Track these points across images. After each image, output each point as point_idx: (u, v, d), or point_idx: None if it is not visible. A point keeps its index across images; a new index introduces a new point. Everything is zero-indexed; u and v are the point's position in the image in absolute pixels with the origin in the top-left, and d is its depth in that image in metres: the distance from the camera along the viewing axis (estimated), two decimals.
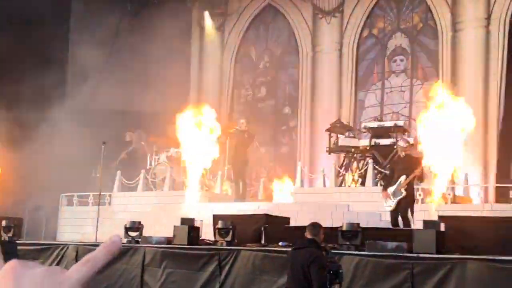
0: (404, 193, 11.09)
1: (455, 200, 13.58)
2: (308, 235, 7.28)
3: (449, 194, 13.66)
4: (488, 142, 17.13)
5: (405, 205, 11.14)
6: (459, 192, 14.71)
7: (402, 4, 19.44)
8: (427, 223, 8.76)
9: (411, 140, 13.99)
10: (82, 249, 10.97)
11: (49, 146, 17.21)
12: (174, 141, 18.05)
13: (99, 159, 14.18)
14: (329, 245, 8.10)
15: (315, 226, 7.39)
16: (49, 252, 11.44)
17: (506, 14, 17.49)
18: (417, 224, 10.65)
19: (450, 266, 7.51)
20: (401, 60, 19.34)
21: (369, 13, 19.78)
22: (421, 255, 7.94)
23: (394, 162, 11.49)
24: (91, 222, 14.84)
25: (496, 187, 15.29)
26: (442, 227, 8.45)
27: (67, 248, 11.23)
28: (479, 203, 14.12)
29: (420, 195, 13.59)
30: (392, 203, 11.17)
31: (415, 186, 11.94)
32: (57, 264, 11.12)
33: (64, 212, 18.04)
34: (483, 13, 17.83)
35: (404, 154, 11.45)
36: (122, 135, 19.12)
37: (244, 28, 21.90)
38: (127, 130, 19.13)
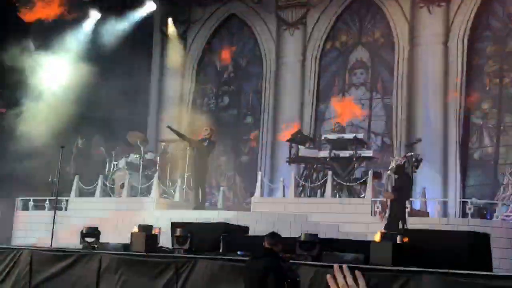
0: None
1: (412, 213, 13.74)
2: (266, 244, 7.29)
3: (406, 208, 13.80)
4: (448, 158, 17.35)
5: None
6: (416, 206, 14.89)
7: (364, 19, 19.64)
8: (384, 236, 8.83)
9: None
10: (37, 254, 10.77)
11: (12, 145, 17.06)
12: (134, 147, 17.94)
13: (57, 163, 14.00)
14: (287, 255, 8.11)
15: (273, 236, 7.40)
16: (2, 257, 11.20)
17: (465, 31, 17.77)
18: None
19: (406, 278, 7.58)
20: (361, 74, 19.52)
21: (332, 26, 19.92)
22: (377, 267, 7.99)
23: None
24: (46, 227, 14.61)
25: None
26: (399, 240, 8.53)
27: (21, 253, 11.01)
28: (435, 216, 14.30)
29: (378, 207, 13.74)
30: None
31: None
32: (11, 268, 10.91)
33: (19, 216, 17.73)
34: (442, 29, 18.09)
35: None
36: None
37: (208, 36, 21.85)
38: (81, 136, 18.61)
